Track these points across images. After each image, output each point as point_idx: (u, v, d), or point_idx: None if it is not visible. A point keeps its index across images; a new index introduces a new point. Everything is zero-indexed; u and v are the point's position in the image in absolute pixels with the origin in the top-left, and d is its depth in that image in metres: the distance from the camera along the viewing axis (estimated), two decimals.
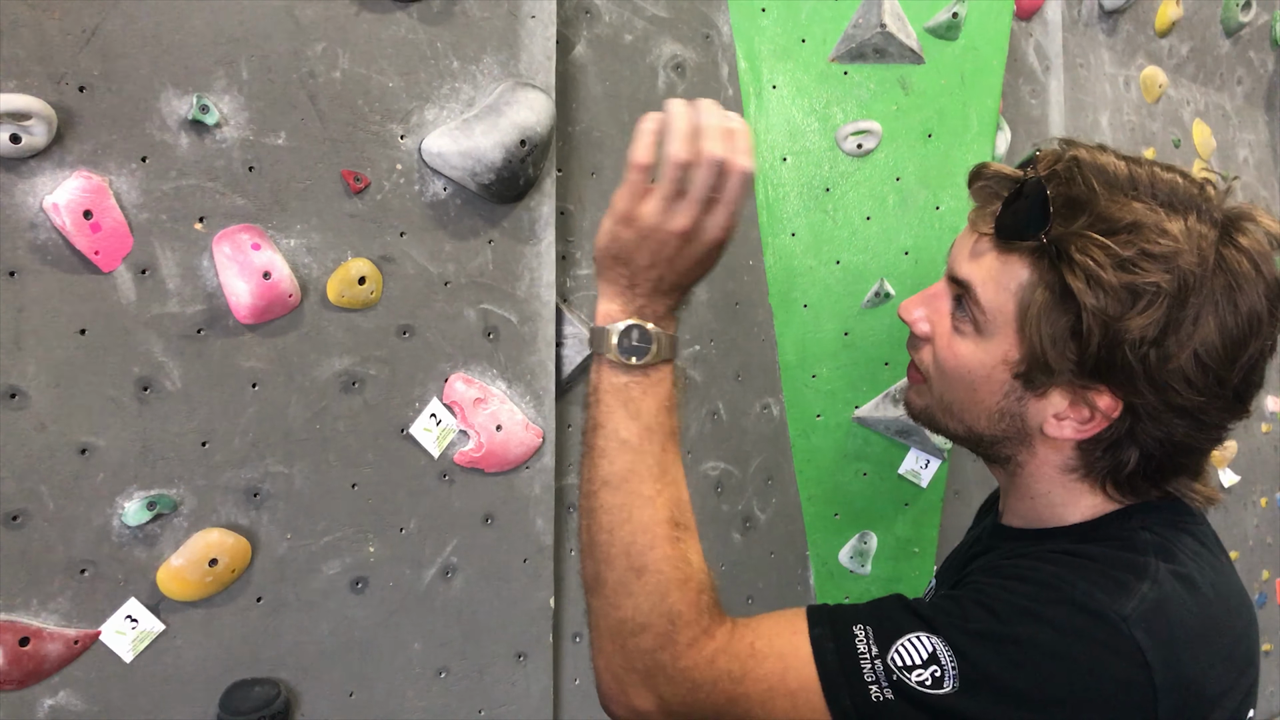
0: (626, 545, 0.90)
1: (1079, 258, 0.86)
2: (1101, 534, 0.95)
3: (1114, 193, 0.88)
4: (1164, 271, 0.85)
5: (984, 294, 0.94)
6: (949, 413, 1.02)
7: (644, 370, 0.94)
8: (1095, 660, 0.82)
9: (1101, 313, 0.86)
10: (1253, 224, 0.90)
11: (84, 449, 1.20)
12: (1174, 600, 0.86)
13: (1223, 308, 0.86)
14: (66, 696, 1.21)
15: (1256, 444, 2.99)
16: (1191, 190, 0.90)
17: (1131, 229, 0.86)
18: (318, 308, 1.36)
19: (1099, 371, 0.89)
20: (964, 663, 0.82)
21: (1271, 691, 3.02)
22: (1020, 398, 0.95)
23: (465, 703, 1.51)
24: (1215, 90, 2.98)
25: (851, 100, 1.93)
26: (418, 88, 1.43)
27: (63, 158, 1.17)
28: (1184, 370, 0.86)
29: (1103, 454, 0.94)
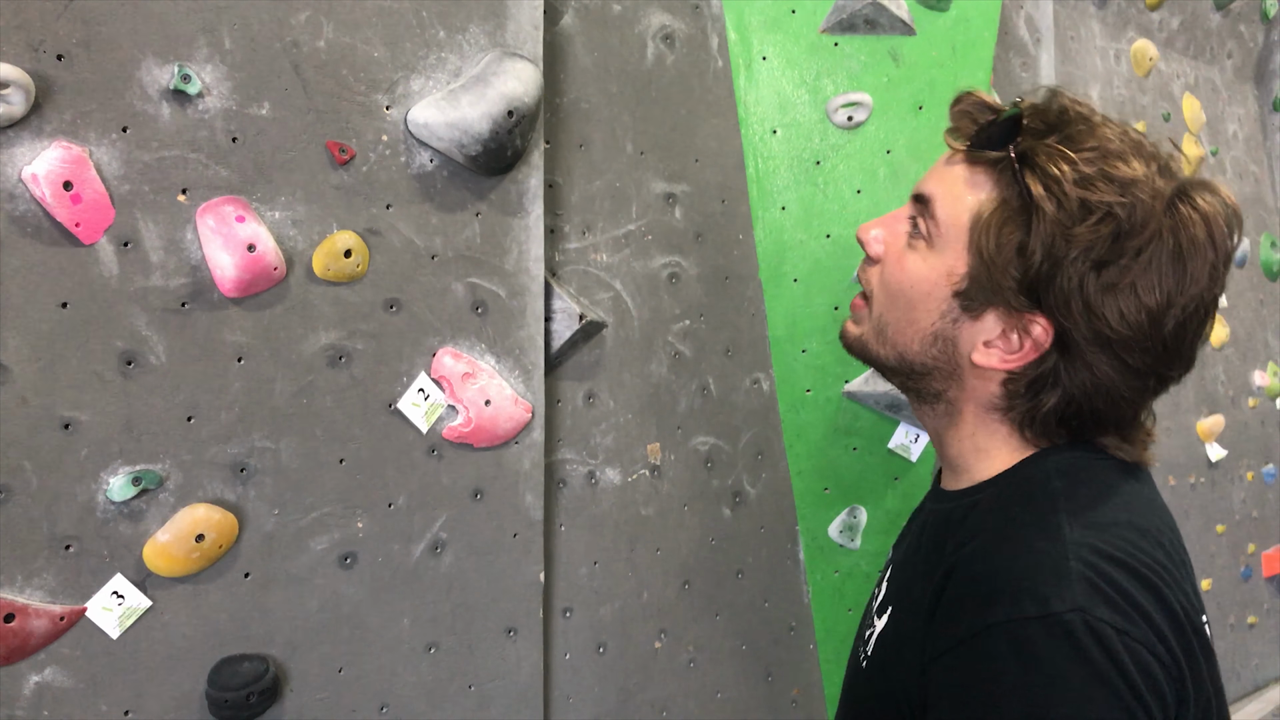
0: None
1: (1044, 164, 0.89)
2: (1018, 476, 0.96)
3: (1086, 122, 0.92)
4: (1119, 195, 0.87)
5: (941, 207, 0.97)
6: (882, 337, 1.04)
7: None
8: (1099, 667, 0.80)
9: (1054, 222, 0.88)
10: (1212, 194, 0.92)
11: (67, 424, 1.19)
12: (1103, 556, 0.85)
13: (1168, 251, 0.88)
14: (53, 673, 1.20)
15: (1243, 419, 3.00)
16: (1158, 152, 0.93)
17: (1096, 151, 0.89)
18: (303, 281, 1.35)
19: (1037, 290, 0.90)
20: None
21: (1256, 664, 3.05)
22: (955, 319, 0.96)
23: (455, 678, 1.51)
24: (1205, 64, 2.97)
25: (842, 72, 1.92)
26: (403, 57, 1.41)
27: (41, 127, 1.15)
28: (1119, 303, 0.88)
29: (1025, 390, 0.95)
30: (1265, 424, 3.10)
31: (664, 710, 1.79)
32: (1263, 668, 3.08)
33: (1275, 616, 3.13)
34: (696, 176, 1.83)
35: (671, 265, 1.79)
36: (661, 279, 1.78)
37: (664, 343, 1.79)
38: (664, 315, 1.79)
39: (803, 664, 1.99)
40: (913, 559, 1.06)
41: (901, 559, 1.12)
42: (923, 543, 1.05)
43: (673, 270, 1.79)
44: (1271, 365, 3.12)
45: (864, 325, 1.07)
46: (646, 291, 1.76)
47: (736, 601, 1.90)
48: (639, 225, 1.75)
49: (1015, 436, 0.99)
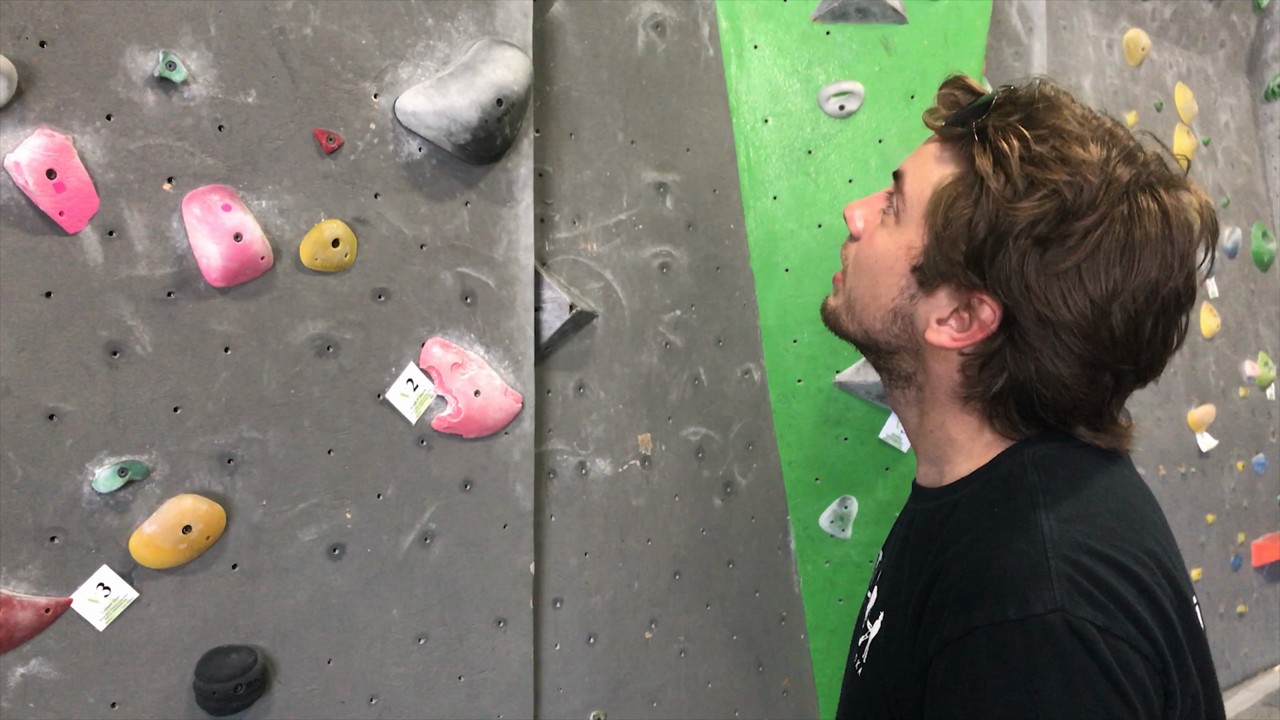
0: None
1: (995, 139, 0.91)
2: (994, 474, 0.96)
3: (1052, 103, 0.93)
4: (1067, 175, 0.87)
5: (910, 182, 1.00)
6: (851, 312, 1.06)
7: None
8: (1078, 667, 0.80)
9: (998, 195, 0.89)
10: (1185, 192, 0.91)
11: (52, 414, 1.18)
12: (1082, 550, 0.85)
13: (1117, 239, 0.87)
14: (38, 665, 1.19)
15: (1234, 408, 3.01)
16: (1130, 144, 0.92)
17: (1052, 131, 0.90)
18: (291, 270, 1.34)
19: (982, 265, 0.91)
20: None
21: (1245, 652, 3.06)
22: (913, 295, 0.98)
23: (445, 669, 1.51)
24: (1198, 54, 2.97)
25: (834, 61, 1.91)
26: (391, 45, 1.40)
27: (24, 114, 1.14)
28: (1061, 284, 0.88)
29: (978, 374, 0.96)
30: (1256, 414, 3.10)
31: (655, 700, 1.79)
32: (1252, 657, 3.09)
33: (1264, 605, 3.14)
34: (687, 166, 1.82)
35: (662, 255, 1.78)
36: (652, 269, 1.77)
37: (655, 333, 1.78)
38: (655, 305, 1.78)
39: (793, 654, 1.99)
40: (900, 561, 1.06)
41: (891, 563, 1.11)
42: (909, 545, 1.05)
43: (664, 260, 1.79)
44: (1262, 355, 3.12)
45: (839, 298, 1.10)
46: (637, 281, 1.75)
47: (727, 592, 1.90)
48: (630, 214, 1.74)
49: (986, 429, 0.99)
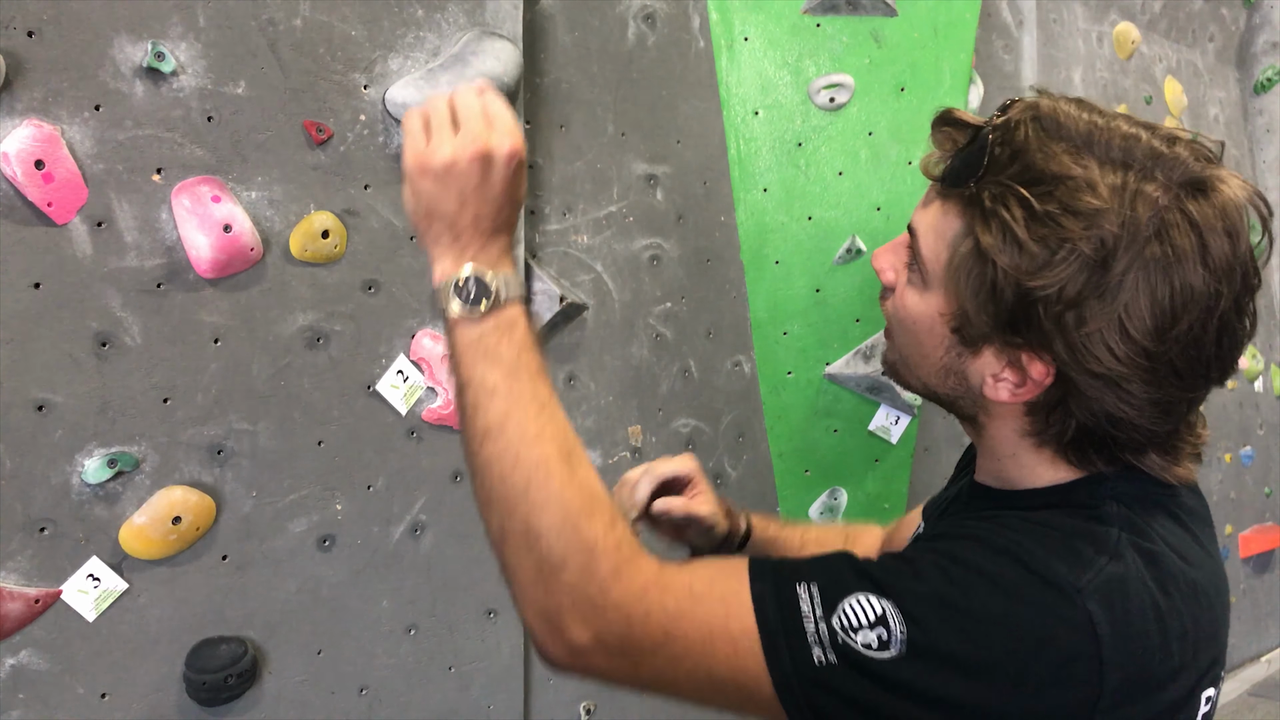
0: (524, 487, 0.87)
1: (992, 206, 0.83)
2: (1070, 500, 0.92)
3: (1051, 144, 0.84)
4: (1083, 229, 0.80)
5: (924, 243, 0.92)
6: (907, 368, 1.00)
7: (494, 316, 0.90)
8: (1044, 629, 0.79)
9: (1012, 268, 0.82)
10: (1219, 192, 0.83)
11: (41, 406, 1.18)
12: (1134, 577, 0.82)
13: (1154, 277, 0.80)
14: (28, 656, 1.19)
15: (1221, 401, 3.02)
16: (1154, 148, 0.84)
17: (1055, 181, 0.82)
18: (280, 262, 1.34)
19: (1019, 331, 0.85)
20: (913, 628, 0.79)
21: (1233, 643, 3.08)
22: (960, 354, 0.92)
23: (435, 659, 1.51)
24: (1187, 47, 2.97)
25: (824, 53, 1.91)
26: (381, 36, 1.40)
27: (12, 105, 1.13)
28: (1104, 337, 0.81)
29: (1046, 420, 0.90)
30: (1243, 407, 3.12)
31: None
32: (1239, 647, 3.11)
33: (1252, 597, 3.17)
34: (678, 158, 1.82)
35: (653, 247, 1.79)
36: (643, 261, 1.78)
37: (645, 325, 1.79)
38: (645, 297, 1.78)
39: None
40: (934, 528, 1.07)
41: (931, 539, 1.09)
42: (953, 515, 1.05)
43: (654, 252, 1.79)
44: (1251, 349, 3.14)
45: (894, 353, 1.03)
46: (627, 273, 1.75)
47: None
48: (620, 207, 1.74)
49: (1061, 461, 0.94)
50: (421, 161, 0.90)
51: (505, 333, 0.90)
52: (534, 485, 0.86)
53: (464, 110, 0.90)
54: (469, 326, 0.90)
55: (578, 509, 0.86)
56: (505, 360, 0.90)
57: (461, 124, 0.90)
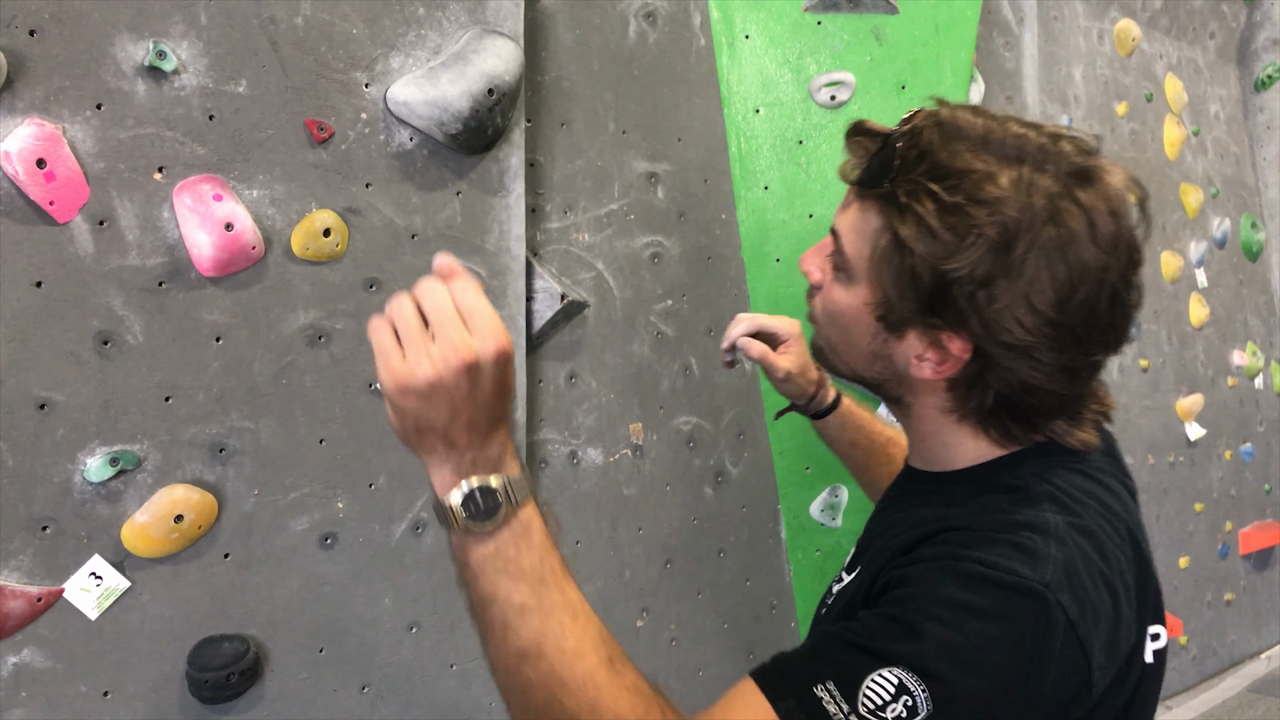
0: (575, 709, 0.85)
1: (907, 201, 0.93)
2: (997, 483, 1.00)
3: (953, 144, 0.94)
4: (988, 216, 0.89)
5: (847, 242, 1.02)
6: (837, 356, 1.09)
7: (508, 526, 0.85)
8: (1036, 637, 0.85)
9: (928, 255, 0.91)
10: (1102, 180, 0.93)
11: (43, 404, 1.18)
12: (1080, 556, 0.90)
13: (1051, 255, 0.90)
14: (31, 654, 1.20)
15: (1222, 398, 3.02)
16: (1043, 144, 0.94)
17: (961, 175, 0.91)
18: (282, 260, 1.34)
19: (937, 312, 0.94)
20: (932, 684, 0.83)
21: (1233, 639, 3.09)
22: (885, 340, 1.01)
23: (436, 657, 1.51)
24: (1188, 44, 2.97)
25: (825, 51, 1.91)
26: (383, 34, 1.40)
27: (13, 104, 1.13)
28: (1013, 311, 0.91)
29: (967, 394, 1.00)
30: (1244, 403, 3.12)
31: None
32: (1239, 644, 3.11)
33: (1252, 593, 3.17)
34: (679, 155, 1.82)
35: (654, 245, 1.79)
36: (644, 258, 1.78)
37: (646, 322, 1.79)
38: (646, 295, 1.78)
39: (784, 642, 2.00)
40: (884, 522, 1.12)
41: (876, 523, 1.18)
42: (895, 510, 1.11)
43: (655, 250, 1.79)
44: (1251, 345, 3.14)
45: (822, 342, 1.12)
46: (628, 271, 1.76)
47: (718, 580, 1.91)
48: (621, 204, 1.74)
49: (981, 435, 1.03)
50: (401, 382, 0.81)
51: (523, 540, 0.85)
52: (584, 705, 0.85)
53: (435, 314, 0.81)
54: (483, 541, 0.85)
55: (628, 712, 0.85)
56: (529, 572, 0.85)
57: (436, 331, 0.81)
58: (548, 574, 0.86)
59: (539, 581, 0.85)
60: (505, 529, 0.84)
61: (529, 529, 0.85)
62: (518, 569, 0.85)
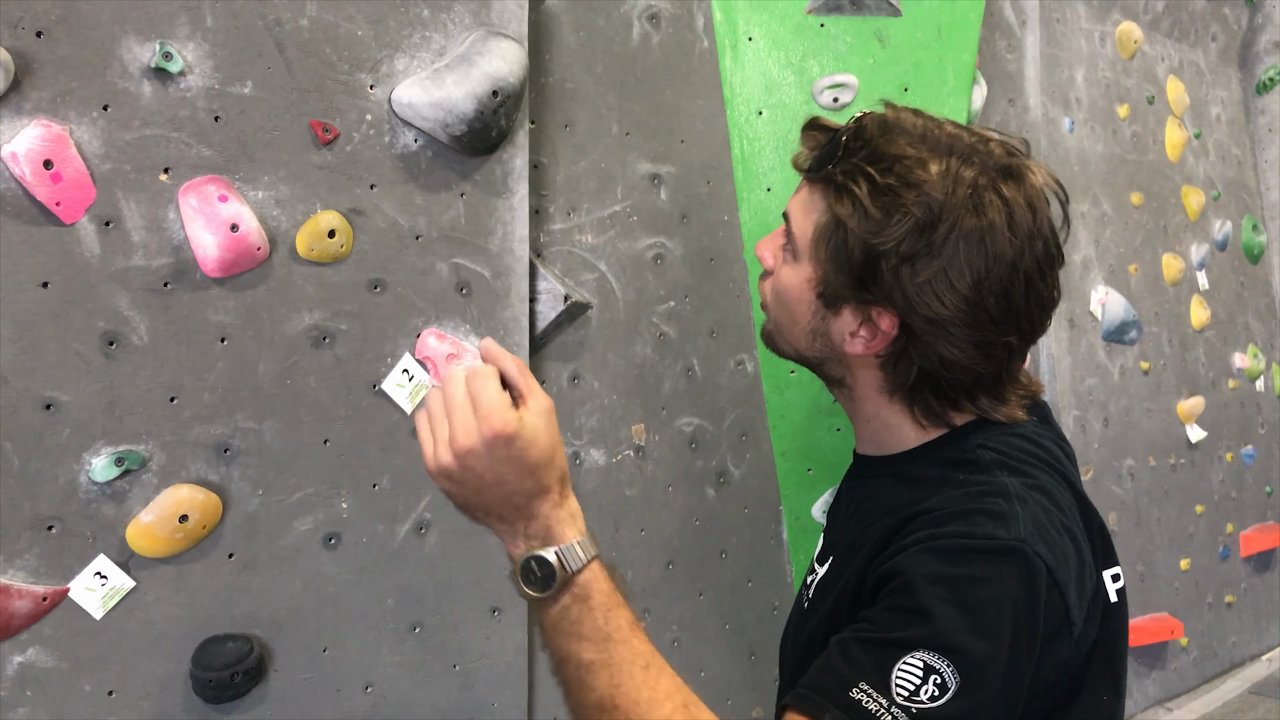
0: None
1: (844, 182, 1.03)
2: (948, 456, 1.08)
3: (891, 135, 1.04)
4: (915, 197, 0.99)
5: (795, 223, 1.12)
6: (782, 336, 1.18)
7: (567, 591, 0.90)
8: (1026, 589, 0.92)
9: (859, 230, 1.01)
10: (1024, 178, 1.03)
11: (49, 404, 1.18)
12: (1040, 511, 0.98)
13: (970, 239, 0.99)
14: (36, 653, 1.20)
15: (1223, 400, 3.03)
16: (973, 143, 1.04)
17: (894, 160, 1.01)
18: (287, 261, 1.34)
19: (868, 286, 1.03)
20: (954, 656, 0.88)
21: (1234, 641, 3.09)
22: (824, 317, 1.10)
23: (439, 658, 1.52)
24: (1190, 47, 2.98)
25: (828, 53, 1.91)
26: (387, 36, 1.40)
27: (20, 105, 1.14)
28: (934, 286, 1.00)
29: (895, 370, 1.08)
30: (1245, 406, 3.13)
31: None
32: (1240, 646, 3.12)
33: (1253, 596, 3.17)
34: (682, 157, 1.83)
35: (656, 246, 1.79)
36: (646, 260, 1.78)
37: (649, 324, 1.79)
38: (649, 296, 1.79)
39: None
40: (853, 513, 1.19)
41: (841, 516, 1.24)
42: (865, 501, 1.17)
43: (658, 251, 1.79)
44: (1252, 348, 3.14)
45: (769, 327, 1.21)
46: (631, 272, 1.76)
47: (720, 581, 1.91)
48: (624, 206, 1.75)
49: (911, 414, 1.11)
50: (430, 470, 0.91)
51: (583, 604, 0.90)
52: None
53: (448, 404, 0.90)
54: (548, 606, 0.91)
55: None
56: (594, 632, 0.90)
57: (450, 421, 0.89)
58: (613, 631, 0.90)
59: (605, 640, 0.90)
60: (565, 593, 0.90)
61: (589, 592, 0.91)
62: (582, 630, 0.90)
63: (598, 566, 0.92)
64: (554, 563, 0.89)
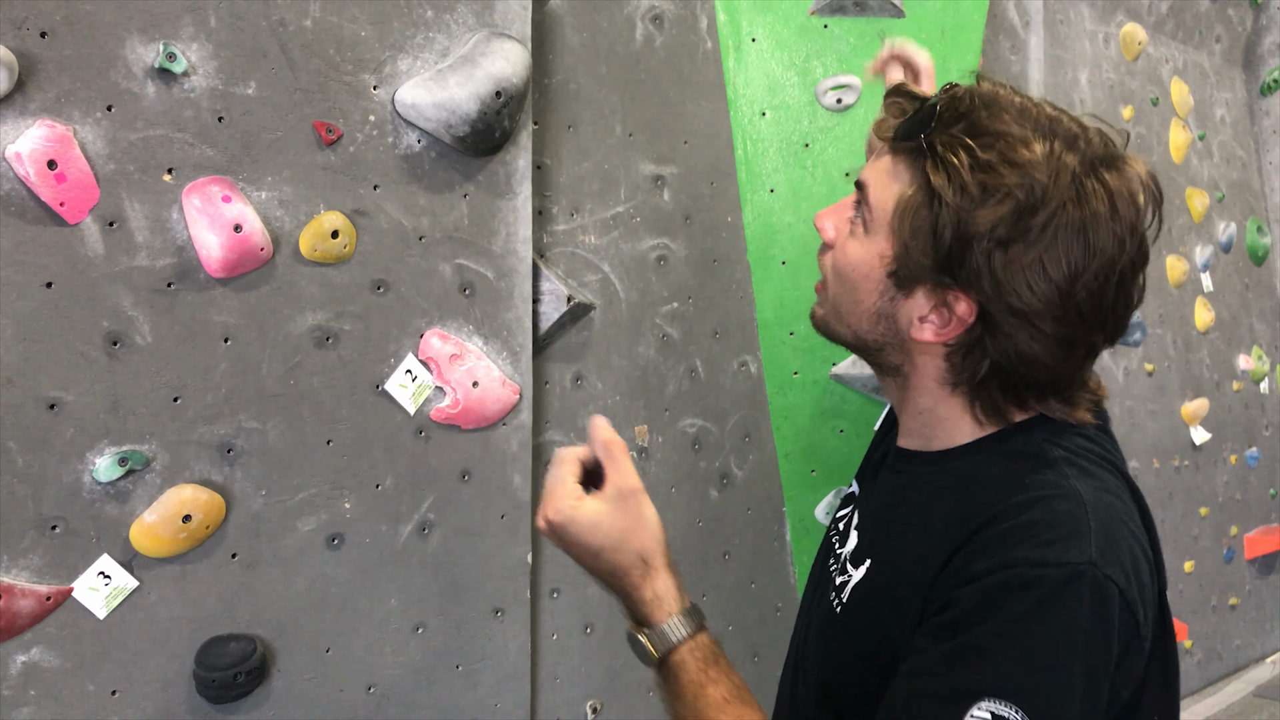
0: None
1: (943, 154, 0.96)
2: (1010, 450, 1.03)
3: (994, 109, 0.97)
4: (1017, 178, 0.93)
5: (873, 193, 1.04)
6: (839, 317, 1.10)
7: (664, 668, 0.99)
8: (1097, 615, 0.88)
9: (956, 207, 0.94)
10: (1126, 166, 0.97)
11: (53, 404, 1.19)
12: (1111, 520, 0.94)
13: (1071, 226, 0.93)
14: (40, 653, 1.20)
15: (1227, 402, 3.02)
16: (1072, 129, 0.98)
17: (996, 137, 0.95)
18: (290, 262, 1.34)
19: (952, 269, 0.96)
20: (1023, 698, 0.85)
21: (1238, 644, 3.08)
22: (892, 298, 1.03)
23: (442, 658, 1.52)
24: (1194, 48, 2.97)
25: (831, 54, 1.91)
26: (391, 37, 1.40)
27: (25, 105, 1.14)
28: (1026, 276, 0.94)
29: (963, 361, 1.02)
30: (1249, 407, 3.12)
31: (651, 690, 1.79)
32: (1244, 648, 3.11)
33: (1257, 598, 3.16)
34: (685, 158, 1.83)
35: (660, 247, 1.79)
36: (650, 261, 1.78)
37: (652, 325, 1.79)
38: (652, 297, 1.79)
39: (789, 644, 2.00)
40: (889, 510, 1.13)
41: (879, 513, 1.17)
42: (900, 497, 1.12)
43: (661, 252, 1.79)
44: (1256, 349, 3.14)
45: (825, 306, 1.14)
46: (635, 273, 1.76)
47: (724, 582, 1.91)
48: (627, 207, 1.75)
49: (976, 407, 1.05)
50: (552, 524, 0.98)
51: (674, 682, 0.98)
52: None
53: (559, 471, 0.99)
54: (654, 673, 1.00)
55: None
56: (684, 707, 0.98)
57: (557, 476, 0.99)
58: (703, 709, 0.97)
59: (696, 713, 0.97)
60: (661, 670, 0.99)
61: (677, 674, 0.97)
62: (673, 705, 0.99)
63: (689, 648, 0.98)
64: (645, 644, 0.98)
